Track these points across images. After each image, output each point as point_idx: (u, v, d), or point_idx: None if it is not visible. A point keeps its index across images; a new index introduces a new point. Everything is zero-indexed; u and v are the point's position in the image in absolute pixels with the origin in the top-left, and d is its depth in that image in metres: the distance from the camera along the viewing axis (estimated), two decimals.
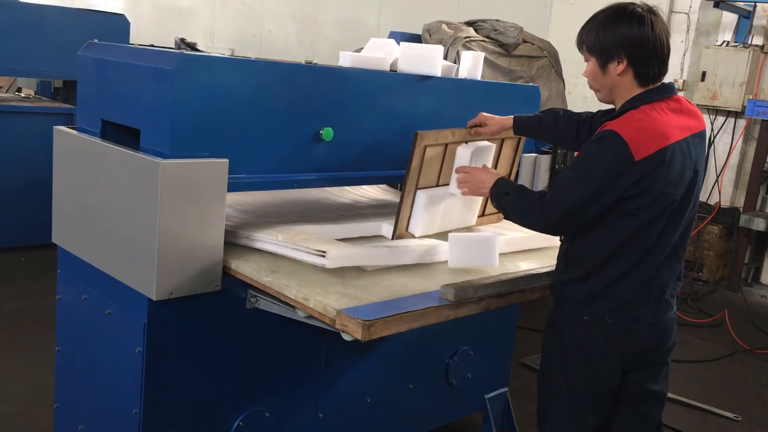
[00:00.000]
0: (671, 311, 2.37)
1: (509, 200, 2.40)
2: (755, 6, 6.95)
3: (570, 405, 2.38)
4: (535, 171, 3.46)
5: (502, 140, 2.97)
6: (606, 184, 2.15)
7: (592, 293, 2.27)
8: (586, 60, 2.32)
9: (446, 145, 2.71)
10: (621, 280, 2.25)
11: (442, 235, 2.86)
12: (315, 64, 2.65)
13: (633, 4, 2.26)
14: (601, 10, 2.29)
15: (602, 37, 2.23)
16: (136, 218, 2.28)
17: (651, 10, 2.24)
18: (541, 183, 3.49)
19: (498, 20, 5.71)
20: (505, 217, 2.51)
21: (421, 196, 2.70)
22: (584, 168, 2.20)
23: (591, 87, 2.36)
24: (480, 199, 3.00)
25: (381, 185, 3.56)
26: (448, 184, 2.84)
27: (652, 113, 2.19)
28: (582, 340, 2.31)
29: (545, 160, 3.47)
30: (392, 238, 2.74)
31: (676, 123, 2.22)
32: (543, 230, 2.36)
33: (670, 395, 4.14)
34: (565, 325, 2.35)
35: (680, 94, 2.34)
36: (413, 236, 2.77)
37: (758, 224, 6.54)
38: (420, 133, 2.60)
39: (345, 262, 2.37)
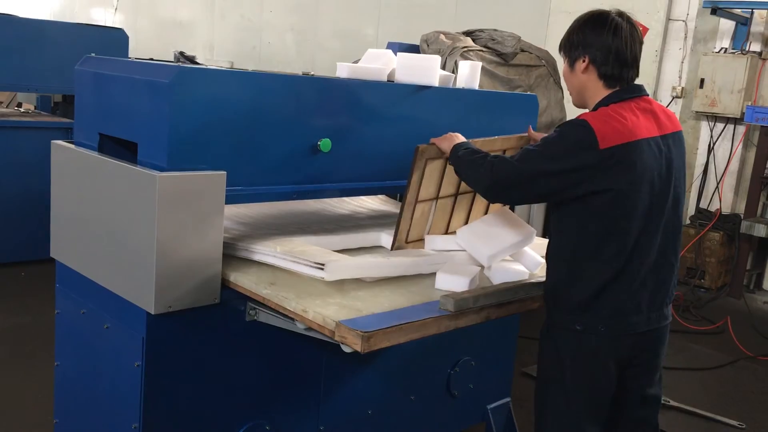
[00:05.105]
0: (665, 321, 2.38)
1: (466, 153, 2.48)
2: (752, 13, 6.96)
3: (568, 416, 2.37)
4: None
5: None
6: (564, 162, 2.18)
7: (582, 301, 2.27)
8: (564, 63, 2.43)
9: (447, 158, 2.71)
10: (608, 288, 2.25)
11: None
12: (312, 75, 2.65)
13: (606, 11, 2.35)
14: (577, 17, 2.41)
15: (571, 38, 2.36)
16: (134, 232, 2.27)
17: (621, 15, 2.32)
18: None
19: (496, 30, 5.72)
20: (459, 175, 2.54)
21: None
22: (547, 144, 2.26)
23: (568, 90, 2.46)
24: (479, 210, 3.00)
25: (380, 196, 3.56)
26: (447, 197, 2.84)
27: (620, 111, 2.24)
28: (577, 350, 2.31)
29: None
30: (391, 249, 2.73)
31: (644, 122, 2.26)
32: (489, 186, 2.34)
33: (673, 404, 4.15)
34: (560, 335, 2.35)
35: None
36: (412, 247, 2.77)
37: (759, 230, 6.53)
38: (421, 147, 2.60)
39: (343, 274, 2.36)
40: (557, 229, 2.34)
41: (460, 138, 2.62)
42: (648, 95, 2.36)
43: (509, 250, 2.66)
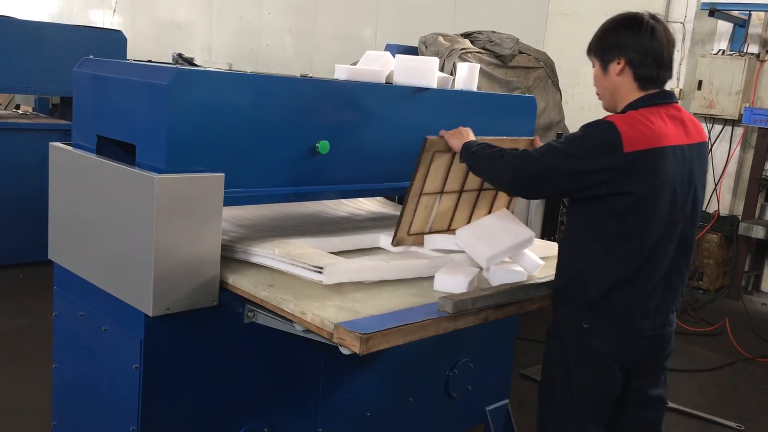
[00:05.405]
0: (670, 327, 2.38)
1: (481, 148, 2.46)
2: (750, 15, 6.97)
3: (572, 415, 2.37)
4: None
5: None
6: (587, 162, 2.17)
7: (591, 299, 2.27)
8: (593, 66, 2.39)
9: (455, 152, 2.70)
10: (618, 289, 2.25)
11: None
12: (310, 77, 2.65)
13: (639, 13, 2.33)
14: (608, 19, 2.37)
15: (604, 40, 2.33)
16: (132, 234, 2.27)
17: (654, 18, 2.31)
18: None
19: (494, 32, 5.72)
20: (473, 170, 2.54)
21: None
22: (572, 142, 2.25)
23: (597, 94, 2.42)
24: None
25: (378, 198, 3.56)
26: (452, 193, 2.82)
27: (649, 116, 2.23)
28: (583, 348, 2.31)
29: None
30: (392, 243, 2.72)
31: (672, 129, 2.25)
32: (510, 179, 2.34)
33: (672, 405, 4.15)
34: (566, 333, 2.35)
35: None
36: (413, 242, 2.75)
37: (757, 232, 6.53)
38: (430, 139, 2.59)
39: (342, 277, 2.36)
40: (574, 225, 2.34)
41: (470, 134, 2.62)
42: (678, 103, 2.35)
43: (508, 252, 2.66)
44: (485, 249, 2.62)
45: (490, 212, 3.03)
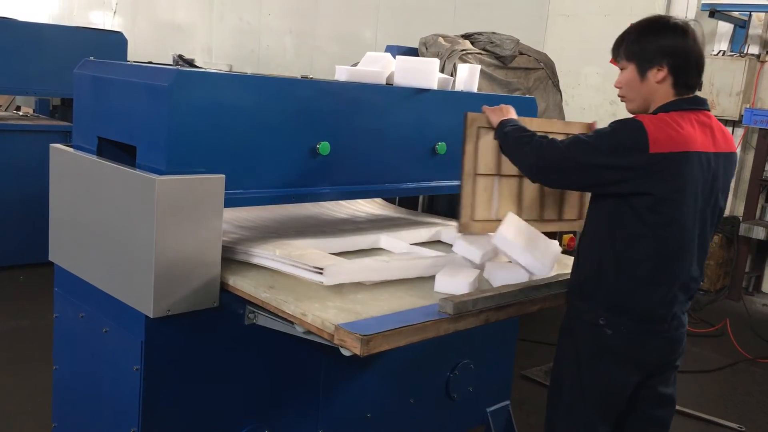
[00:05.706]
0: (682, 328, 2.39)
1: (514, 129, 2.46)
2: (750, 15, 6.97)
3: (581, 414, 2.37)
4: None
5: None
6: (611, 158, 2.17)
7: (609, 299, 2.27)
8: (623, 68, 2.33)
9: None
10: (637, 290, 2.25)
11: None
12: (311, 78, 2.65)
13: (671, 16, 2.30)
14: (640, 21, 2.32)
15: (644, 44, 2.27)
16: (133, 235, 2.27)
17: (686, 22, 2.27)
18: None
19: (494, 33, 5.72)
20: (502, 150, 2.53)
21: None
22: (598, 137, 2.23)
23: (623, 96, 2.37)
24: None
25: (377, 200, 3.56)
26: (511, 176, 2.73)
27: (679, 120, 2.21)
28: (597, 346, 2.31)
29: None
30: (458, 231, 2.67)
31: (700, 135, 2.23)
32: (533, 165, 2.35)
33: None
34: (580, 330, 2.34)
35: None
36: (480, 229, 2.66)
37: (758, 233, 6.53)
38: (471, 115, 2.57)
39: (342, 278, 2.36)
40: (594, 222, 2.34)
41: (511, 111, 2.60)
42: (709, 110, 2.32)
43: (515, 258, 2.57)
44: (499, 242, 2.54)
45: (559, 217, 2.92)
